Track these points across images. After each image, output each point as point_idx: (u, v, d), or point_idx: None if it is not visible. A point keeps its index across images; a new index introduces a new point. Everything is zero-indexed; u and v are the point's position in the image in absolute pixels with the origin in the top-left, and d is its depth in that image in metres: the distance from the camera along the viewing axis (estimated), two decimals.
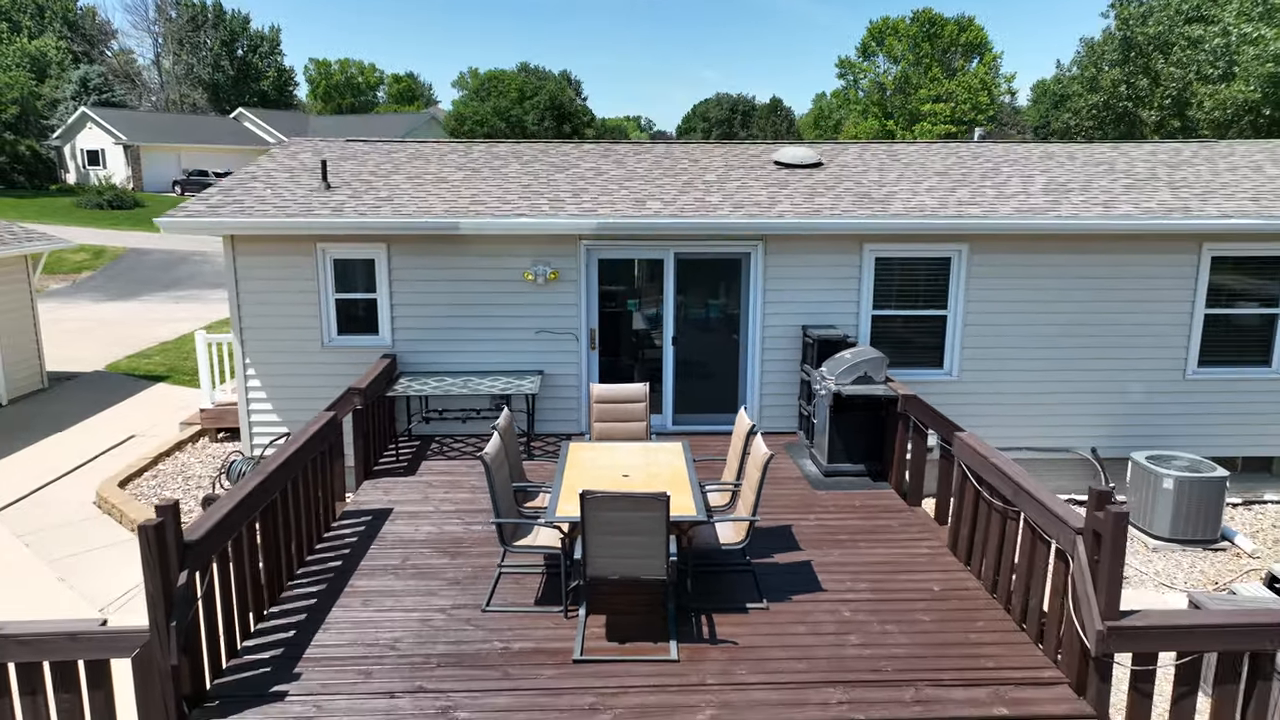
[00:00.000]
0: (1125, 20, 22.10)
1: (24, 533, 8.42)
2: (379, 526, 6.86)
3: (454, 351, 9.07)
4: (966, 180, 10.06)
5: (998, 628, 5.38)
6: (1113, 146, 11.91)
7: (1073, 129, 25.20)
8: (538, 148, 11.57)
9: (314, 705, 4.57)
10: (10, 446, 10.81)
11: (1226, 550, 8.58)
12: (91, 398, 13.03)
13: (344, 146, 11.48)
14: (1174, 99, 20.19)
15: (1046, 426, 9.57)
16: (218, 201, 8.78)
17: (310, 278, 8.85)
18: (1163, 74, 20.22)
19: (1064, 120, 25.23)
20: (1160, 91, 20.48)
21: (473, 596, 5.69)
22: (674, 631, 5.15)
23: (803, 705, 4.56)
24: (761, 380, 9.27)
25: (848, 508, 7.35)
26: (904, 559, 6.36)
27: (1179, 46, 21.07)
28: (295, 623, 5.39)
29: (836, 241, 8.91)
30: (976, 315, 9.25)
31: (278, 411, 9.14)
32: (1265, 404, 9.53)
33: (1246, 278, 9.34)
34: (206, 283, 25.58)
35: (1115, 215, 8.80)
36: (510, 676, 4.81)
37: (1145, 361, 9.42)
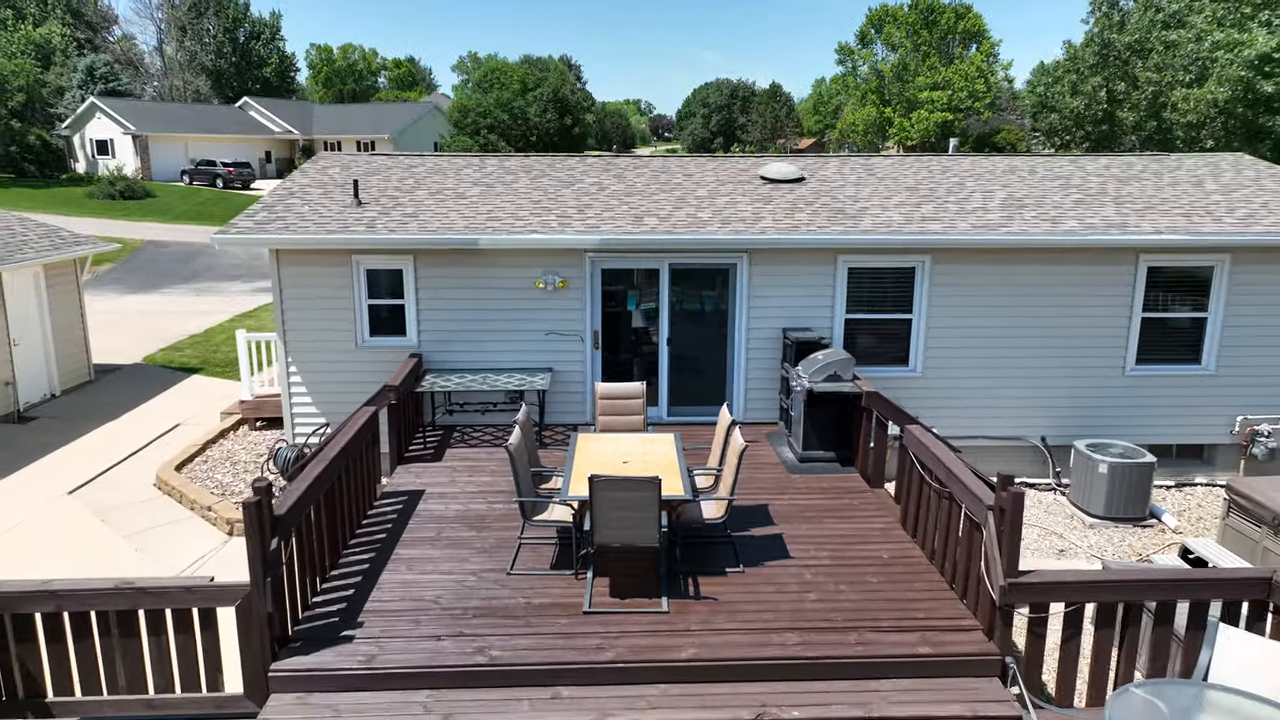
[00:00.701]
0: (1103, 27, 23.14)
1: (99, 510, 9.60)
2: (414, 505, 8.02)
3: (474, 351, 10.20)
4: (933, 196, 11.16)
5: (932, 588, 6.54)
6: (1071, 160, 13.00)
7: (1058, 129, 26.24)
8: (545, 162, 12.65)
9: (376, 645, 5.74)
10: (71, 434, 11.97)
11: (1154, 527, 9.75)
12: (135, 389, 14.18)
13: (369, 161, 12.56)
14: (1150, 101, 21.23)
15: (1002, 417, 10.72)
16: (264, 218, 9.89)
17: (346, 286, 9.97)
18: (1140, 79, 21.25)
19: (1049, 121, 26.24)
20: (1137, 94, 21.52)
21: (498, 562, 6.85)
22: (665, 589, 6.32)
23: (765, 645, 5.73)
24: (746, 376, 10.42)
25: (817, 489, 8.50)
26: (861, 532, 7.52)
27: (1155, 51, 22.08)
28: (353, 583, 6.56)
29: (813, 254, 10.02)
30: (938, 319, 10.38)
31: (317, 404, 10.29)
32: (1196, 397, 10.67)
33: (1179, 285, 10.46)
34: (224, 275, 26.65)
35: (1061, 231, 9.91)
36: (532, 624, 5.98)
37: (1089, 359, 10.55)
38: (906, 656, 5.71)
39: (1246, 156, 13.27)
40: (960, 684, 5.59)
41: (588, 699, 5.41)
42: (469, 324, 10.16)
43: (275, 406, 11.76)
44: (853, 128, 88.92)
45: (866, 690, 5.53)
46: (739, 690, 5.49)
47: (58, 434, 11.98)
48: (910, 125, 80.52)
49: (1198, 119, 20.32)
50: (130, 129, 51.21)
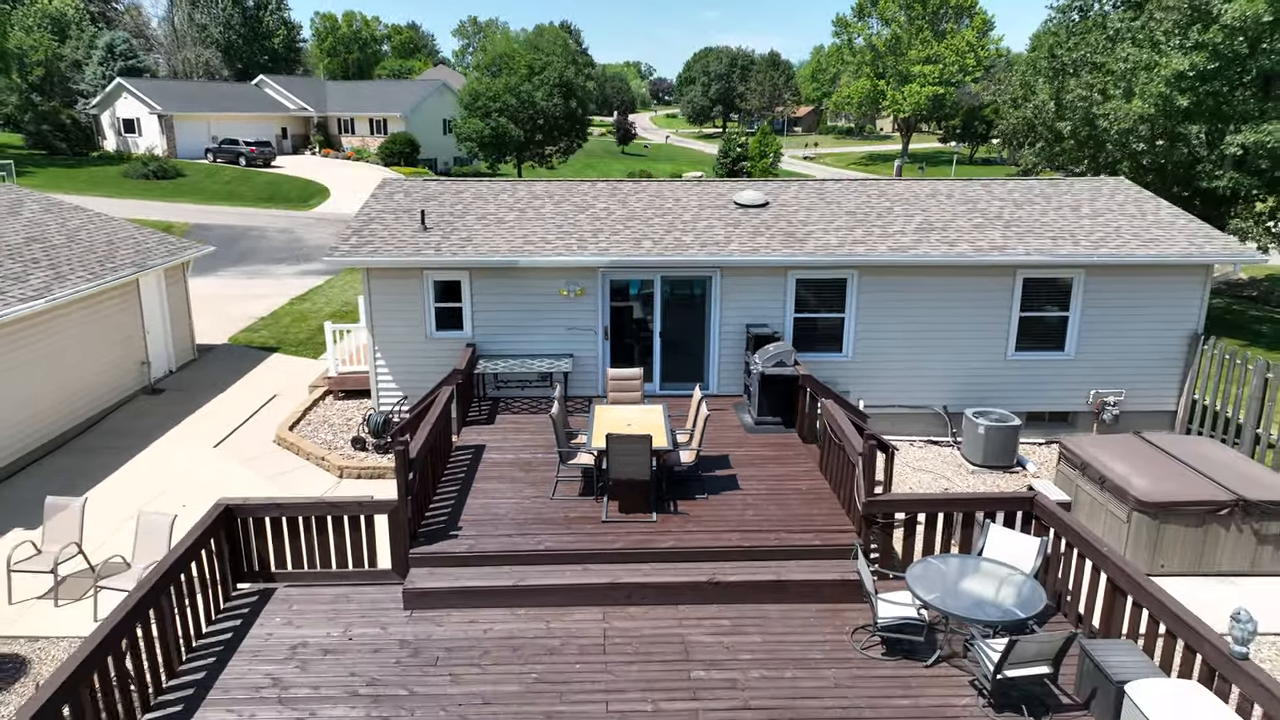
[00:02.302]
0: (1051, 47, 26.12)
1: (242, 460, 13.02)
2: (480, 454, 11.42)
3: (515, 341, 13.54)
4: (865, 220, 14.42)
5: (830, 508, 9.95)
6: (983, 185, 16.21)
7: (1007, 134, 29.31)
8: (564, 188, 15.87)
9: (473, 540, 9.17)
10: (195, 403, 15.36)
11: (1018, 473, 13.18)
12: (232, 365, 17.55)
13: (424, 187, 15.79)
14: (1084, 113, 24.31)
15: (914, 391, 14.09)
16: (356, 242, 13.17)
17: (418, 293, 13.28)
18: (1074, 96, 24.34)
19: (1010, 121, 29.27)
20: (1072, 105, 24.58)
21: (543, 491, 10.25)
22: (654, 507, 9.73)
23: (717, 539, 9.16)
24: (719, 360, 13.77)
25: (766, 444, 11.89)
26: (791, 473, 10.92)
27: (1088, 69, 25.11)
28: (450, 504, 9.98)
29: (769, 270, 13.31)
30: (865, 317, 13.70)
31: (396, 381, 13.66)
32: (1061, 376, 14.03)
33: (1048, 291, 13.75)
34: (268, 258, 29.85)
35: (955, 254, 13.19)
36: (569, 528, 9.40)
37: (979, 347, 13.89)
38: (806, 546, 9.15)
39: (1125, 181, 16.49)
40: (837, 563, 9.02)
41: (605, 570, 8.84)
42: (510, 321, 13.49)
43: (355, 381, 15.15)
44: (847, 100, 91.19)
45: (780, 566, 8.96)
46: (699, 566, 8.91)
47: (185, 403, 15.37)
48: (903, 98, 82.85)
49: (1128, 127, 23.45)
50: (156, 109, 53.93)
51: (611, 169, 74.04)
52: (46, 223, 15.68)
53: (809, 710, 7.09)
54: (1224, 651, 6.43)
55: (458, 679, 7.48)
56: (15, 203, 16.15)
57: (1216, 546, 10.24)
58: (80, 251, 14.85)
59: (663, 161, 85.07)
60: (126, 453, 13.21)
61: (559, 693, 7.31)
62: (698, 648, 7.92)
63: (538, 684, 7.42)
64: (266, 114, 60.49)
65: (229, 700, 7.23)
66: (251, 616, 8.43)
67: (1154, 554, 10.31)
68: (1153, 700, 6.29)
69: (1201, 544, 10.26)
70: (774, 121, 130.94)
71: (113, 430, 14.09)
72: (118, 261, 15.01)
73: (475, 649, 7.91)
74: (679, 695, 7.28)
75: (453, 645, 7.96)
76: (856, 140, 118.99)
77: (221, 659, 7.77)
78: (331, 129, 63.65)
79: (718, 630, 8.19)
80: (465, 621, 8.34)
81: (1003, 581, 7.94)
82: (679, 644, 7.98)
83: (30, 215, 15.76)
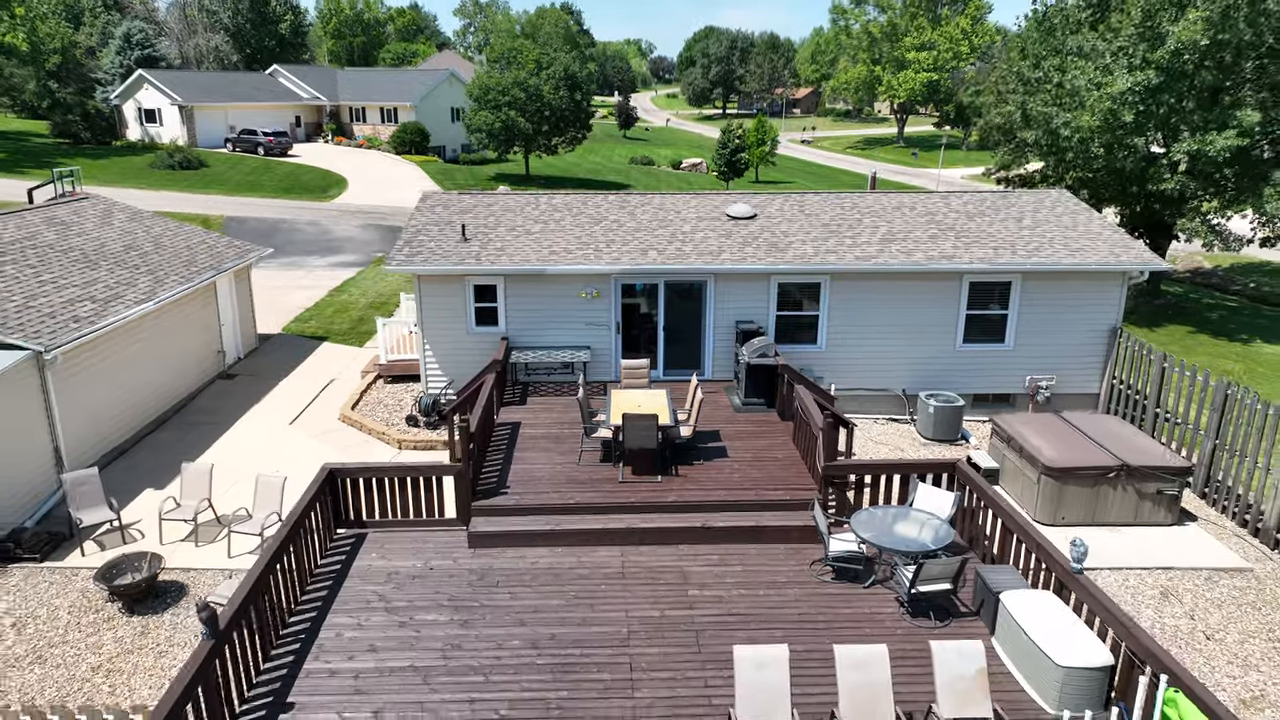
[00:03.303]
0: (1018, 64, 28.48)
1: (315, 434, 15.62)
2: (517, 430, 14.02)
3: (541, 335, 16.09)
4: (838, 231, 16.92)
5: (799, 472, 12.56)
6: (943, 198, 18.69)
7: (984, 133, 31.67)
8: (579, 199, 18.35)
9: (519, 495, 11.79)
10: (265, 387, 17.94)
11: (962, 445, 15.79)
12: (289, 353, 20.12)
13: (460, 200, 18.27)
14: (1046, 125, 26.72)
15: (877, 376, 16.65)
16: (409, 253, 15.68)
17: (460, 294, 15.82)
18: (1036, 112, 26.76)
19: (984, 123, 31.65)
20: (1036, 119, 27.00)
21: (571, 459, 12.85)
22: (660, 471, 12.34)
23: (709, 495, 11.78)
24: (713, 351, 16.33)
25: (751, 421, 14.48)
26: (770, 445, 13.52)
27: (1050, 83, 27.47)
28: (498, 467, 12.59)
29: (755, 276, 15.83)
30: (835, 314, 16.24)
31: (441, 368, 16.23)
32: (1002, 365, 16.60)
33: (991, 293, 16.28)
34: (301, 250, 32.31)
35: (911, 262, 15.71)
36: (593, 487, 12.02)
37: (933, 340, 16.43)
38: (778, 500, 11.76)
39: (1066, 194, 18.97)
40: (802, 513, 11.63)
41: (621, 519, 11.46)
42: (538, 318, 16.04)
43: (403, 367, 17.73)
44: (845, 85, 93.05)
45: (758, 515, 11.58)
46: (695, 515, 11.53)
47: (256, 386, 17.96)
48: (898, 84, 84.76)
49: (1085, 136, 25.87)
50: (177, 100, 56.08)
51: (614, 153, 76.18)
52: (135, 231, 18.19)
53: (776, 615, 9.73)
54: (1066, 568, 9.06)
55: (515, 595, 10.13)
56: (105, 213, 18.65)
57: (1106, 503, 12.87)
58: (168, 257, 17.37)
59: (663, 146, 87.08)
60: (219, 428, 15.82)
61: (590, 604, 9.96)
62: (693, 575, 10.56)
63: (574, 599, 10.06)
64: (281, 103, 62.63)
65: (348, 610, 9.87)
66: (352, 554, 11.07)
67: (1057, 508, 12.95)
68: (1017, 603, 8.93)
69: (1094, 501, 12.89)
70: (773, 103, 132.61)
71: (201, 410, 16.69)
72: (199, 265, 17.53)
73: (525, 575, 10.55)
74: (679, 606, 9.93)
75: (508, 573, 10.61)
76: (854, 122, 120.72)
77: (336, 582, 10.42)
78: (343, 117, 65.78)
79: (709, 563, 10.83)
80: (516, 557, 10.97)
81: (924, 524, 10.56)
82: (679, 573, 10.62)
83: (120, 225, 18.27)
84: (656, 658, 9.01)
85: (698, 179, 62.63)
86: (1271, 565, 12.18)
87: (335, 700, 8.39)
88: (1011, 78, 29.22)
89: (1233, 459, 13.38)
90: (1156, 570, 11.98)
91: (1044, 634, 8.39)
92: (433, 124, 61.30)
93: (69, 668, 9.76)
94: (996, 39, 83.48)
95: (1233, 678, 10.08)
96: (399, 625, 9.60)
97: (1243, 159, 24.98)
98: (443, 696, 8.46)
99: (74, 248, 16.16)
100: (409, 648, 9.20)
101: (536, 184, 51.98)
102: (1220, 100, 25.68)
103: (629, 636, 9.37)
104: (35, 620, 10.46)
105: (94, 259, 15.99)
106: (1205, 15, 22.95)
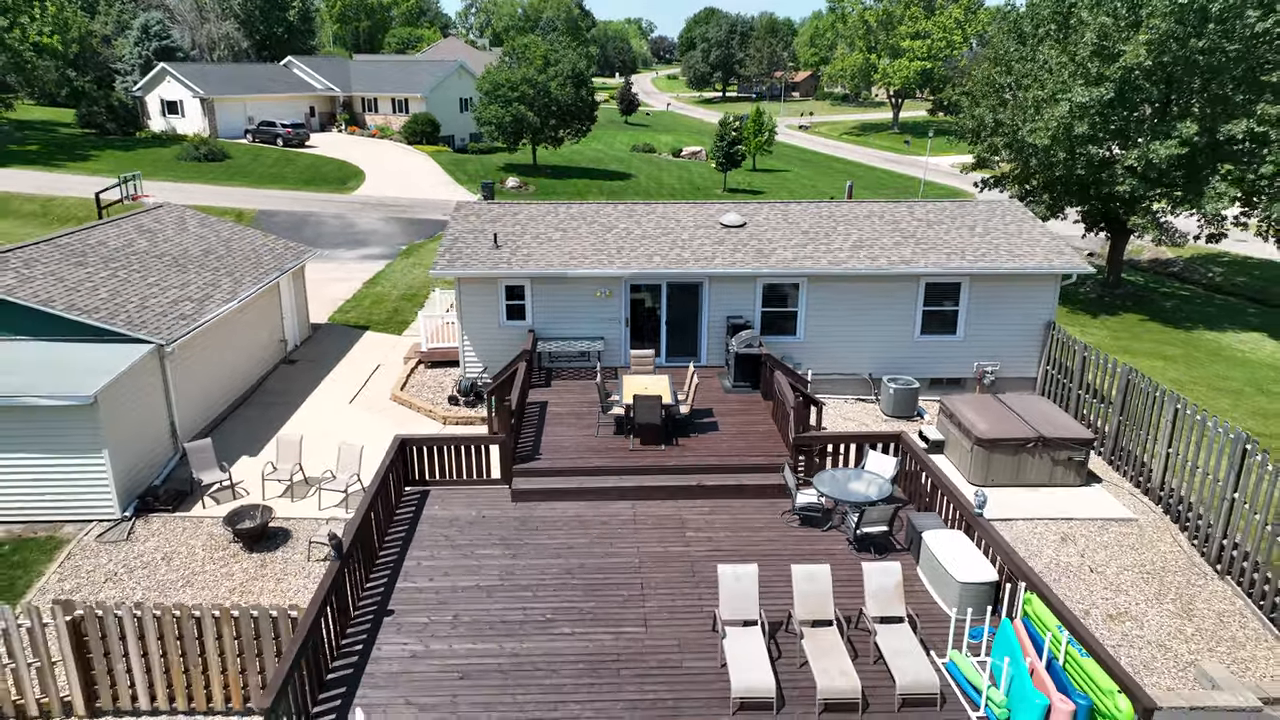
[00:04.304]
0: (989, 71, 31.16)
1: (372, 411, 18.54)
2: (545, 408, 16.94)
3: (562, 328, 18.96)
4: (815, 238, 19.75)
5: (776, 443, 15.48)
6: (908, 208, 21.49)
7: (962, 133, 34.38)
8: (593, 209, 21.16)
9: (551, 459, 14.74)
10: (323, 371, 20.83)
11: (917, 422, 18.72)
12: (338, 341, 23.00)
13: (489, 209, 21.09)
14: (1013, 134, 29.49)
15: (848, 362, 19.54)
16: (449, 259, 18.52)
17: (494, 293, 18.68)
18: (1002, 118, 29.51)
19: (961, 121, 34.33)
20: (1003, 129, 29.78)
21: (590, 432, 15.78)
22: (663, 442, 15.28)
23: (703, 460, 14.73)
24: (708, 342, 19.22)
25: (739, 401, 17.40)
26: (754, 420, 16.44)
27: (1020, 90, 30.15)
28: (531, 439, 15.53)
29: (744, 278, 18.68)
30: (812, 310, 19.10)
31: (477, 355, 19.12)
32: (954, 353, 19.49)
33: (944, 292, 19.13)
34: (330, 243, 35.08)
35: (875, 267, 18.55)
36: (609, 454, 14.96)
37: (895, 332, 19.31)
38: (758, 464, 14.70)
39: (1014, 203, 21.77)
40: (776, 474, 14.57)
41: (632, 479, 14.40)
42: (559, 313, 18.91)
43: (443, 354, 20.62)
44: (841, 72, 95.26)
45: (742, 477, 14.52)
46: (691, 476, 14.46)
47: (315, 370, 20.86)
48: (893, 71, 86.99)
49: (1044, 144, 28.60)
50: (199, 92, 58.54)
51: (616, 140, 78.56)
52: (208, 236, 21.03)
53: (752, 551, 12.68)
54: (971, 512, 12.01)
55: (551, 536, 13.09)
56: (180, 220, 21.48)
57: (1026, 467, 15.82)
58: (239, 259, 20.22)
59: (664, 132, 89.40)
60: (290, 407, 18.76)
61: (609, 542, 12.91)
62: (689, 522, 13.50)
63: (597, 539, 13.01)
64: (296, 94, 65.07)
65: (423, 547, 12.82)
66: (420, 505, 14.02)
67: (986, 472, 15.90)
68: (934, 539, 11.87)
69: (1017, 466, 15.84)
70: (772, 87, 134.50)
71: (272, 391, 19.61)
72: (266, 266, 20.38)
73: (558, 522, 13.51)
74: (678, 544, 12.88)
75: (544, 520, 13.56)
76: (852, 107, 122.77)
77: (411, 527, 13.37)
78: (356, 107, 68.22)
79: (701, 513, 13.76)
80: (549, 508, 13.92)
81: (871, 482, 13.49)
82: (678, 520, 13.57)
83: (195, 230, 21.10)
84: (661, 580, 11.99)
85: (697, 167, 65.16)
86: (1153, 517, 15.15)
87: (423, 608, 11.37)
88: (983, 84, 31.92)
89: (1132, 431, 16.32)
90: (1060, 520, 14.96)
91: (950, 559, 11.33)
92: (442, 114, 63.78)
93: (211, 590, 12.74)
94: (989, 27, 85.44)
95: (1106, 599, 13.07)
96: (463, 557, 12.56)
97: (1189, 164, 27.75)
98: (502, 605, 11.44)
99: (165, 253, 19.01)
100: (473, 573, 12.17)
101: (543, 173, 54.60)
102: (1170, 111, 28.41)
103: (640, 565, 12.34)
104: (179, 555, 13.45)
105: (182, 263, 18.85)
106: (1147, 40, 25.64)
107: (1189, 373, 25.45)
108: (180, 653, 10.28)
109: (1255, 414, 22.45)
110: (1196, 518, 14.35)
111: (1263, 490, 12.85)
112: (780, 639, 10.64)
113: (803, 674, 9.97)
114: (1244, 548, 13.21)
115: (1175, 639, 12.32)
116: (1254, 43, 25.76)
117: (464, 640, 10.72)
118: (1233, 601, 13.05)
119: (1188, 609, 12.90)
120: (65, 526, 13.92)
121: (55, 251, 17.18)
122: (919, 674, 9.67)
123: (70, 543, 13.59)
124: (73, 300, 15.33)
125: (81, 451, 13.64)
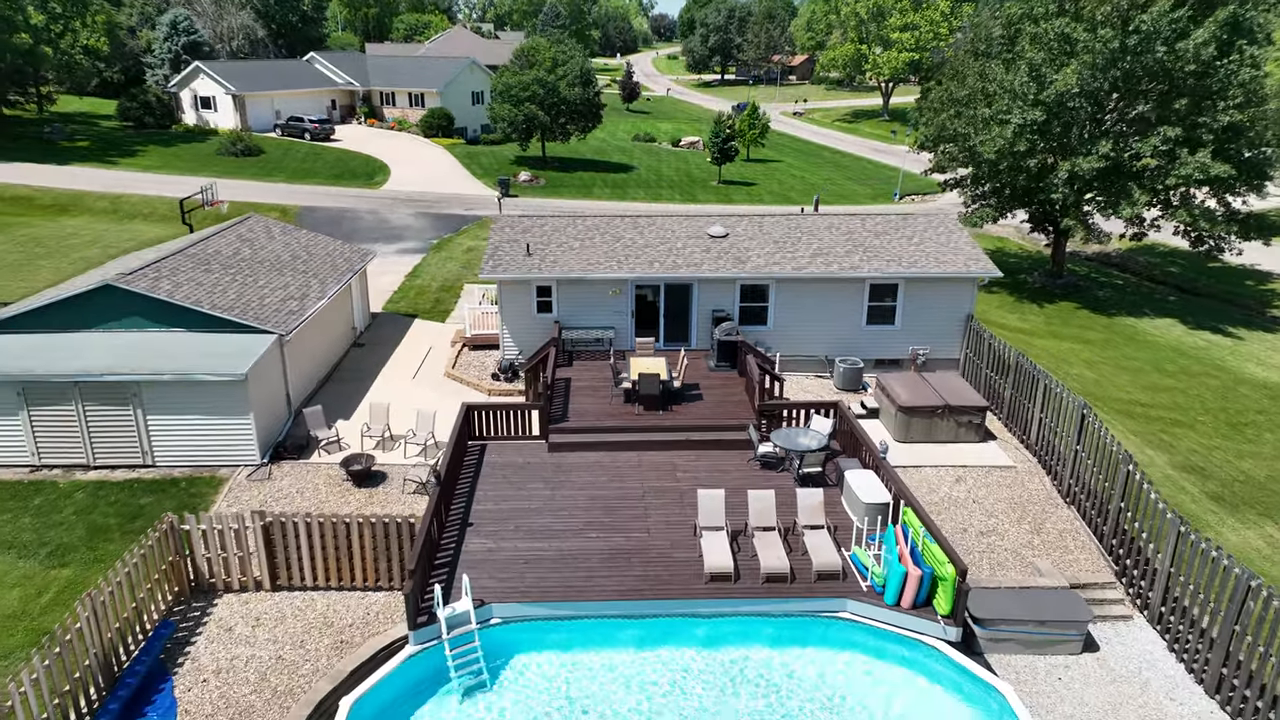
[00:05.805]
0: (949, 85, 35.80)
1: (431, 385, 23.49)
2: (570, 383, 21.89)
3: (581, 319, 23.86)
4: (784, 247, 24.59)
5: (747, 408, 20.45)
6: (861, 220, 26.32)
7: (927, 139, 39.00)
8: (605, 220, 25.98)
9: (576, 421, 19.74)
10: (386, 353, 25.73)
11: (861, 394, 23.68)
12: (394, 328, 27.89)
13: (521, 221, 25.92)
14: (964, 144, 34.21)
15: (810, 347, 24.47)
16: (493, 265, 23.39)
17: (527, 293, 23.56)
18: (957, 130, 34.19)
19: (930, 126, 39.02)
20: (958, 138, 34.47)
21: (606, 400, 20.75)
22: (660, 407, 20.26)
23: (691, 421, 19.74)
24: (697, 331, 24.14)
25: (719, 378, 22.34)
26: (730, 392, 21.40)
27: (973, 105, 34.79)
28: (560, 407, 20.50)
29: (726, 281, 23.55)
30: (780, 304, 23.99)
31: (513, 342, 24.05)
32: (893, 339, 24.39)
33: (885, 291, 23.99)
34: (369, 238, 39.79)
35: (829, 271, 23.42)
36: (621, 417, 19.95)
37: (846, 323, 24.20)
38: (731, 425, 19.69)
39: (950, 216, 26.62)
40: (744, 432, 19.53)
41: (638, 435, 19.39)
42: (579, 307, 23.81)
43: (485, 339, 25.55)
44: (833, 62, 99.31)
45: (719, 434, 19.50)
46: (681, 433, 19.45)
47: (379, 352, 25.77)
48: (883, 62, 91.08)
49: (995, 157, 33.34)
50: (231, 89, 62.94)
51: (617, 129, 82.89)
52: (290, 243, 25.86)
53: (727, 481, 17.67)
54: (877, 457, 17.01)
55: (579, 476, 18.09)
56: (267, 229, 26.31)
57: (937, 428, 20.80)
58: (318, 262, 25.07)
59: (664, 119, 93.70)
60: (365, 381, 23.71)
61: (621, 480, 17.92)
62: (679, 466, 18.50)
63: (613, 478, 18.02)
64: (319, 89, 69.45)
65: (487, 484, 17.82)
66: (481, 455, 19.00)
67: (907, 433, 20.88)
68: (852, 476, 16.86)
69: (930, 427, 20.81)
70: (769, 72, 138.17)
71: (348, 369, 24.55)
72: (340, 267, 25.24)
73: (583, 466, 18.51)
74: (671, 481, 17.88)
75: (575, 465, 18.56)
76: (845, 91, 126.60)
77: (476, 470, 18.37)
78: (374, 101, 72.59)
79: (688, 460, 18.75)
80: (578, 457, 18.91)
81: (813, 436, 18.46)
82: (671, 465, 18.56)
83: (279, 238, 25.93)
84: (658, 504, 17.02)
85: (694, 158, 69.68)
86: (1029, 465, 20.16)
87: (492, 522, 16.40)
88: (943, 96, 36.59)
89: (1019, 400, 21.28)
90: (958, 468, 19.96)
91: (861, 488, 16.33)
92: (455, 107, 68.18)
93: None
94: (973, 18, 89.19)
95: (980, 520, 18.09)
96: (516, 489, 17.58)
97: (1112, 175, 32.54)
98: (547, 521, 16.47)
99: (264, 259, 23.89)
100: (525, 501, 17.19)
101: (551, 165, 59.18)
102: (1100, 128, 33.15)
103: (644, 495, 17.36)
104: (307, 490, 18.46)
105: (278, 267, 23.73)
106: (1076, 71, 30.33)
107: (1101, 354, 30.41)
108: (335, 547, 15.30)
109: (1147, 388, 27.48)
110: (1056, 464, 19.36)
111: (1096, 444, 17.83)
112: (740, 540, 15.69)
113: (753, 561, 15.02)
114: (1083, 483, 18.23)
115: (1026, 548, 17.35)
116: (1168, 69, 30.43)
117: (523, 541, 15.77)
118: (1073, 523, 18.08)
119: (1038, 528, 17.93)
120: (222, 470, 18.93)
121: (187, 261, 22.05)
122: (829, 558, 14.73)
123: (228, 480, 18.62)
124: (214, 301, 20.23)
125: (235, 414, 18.61)
